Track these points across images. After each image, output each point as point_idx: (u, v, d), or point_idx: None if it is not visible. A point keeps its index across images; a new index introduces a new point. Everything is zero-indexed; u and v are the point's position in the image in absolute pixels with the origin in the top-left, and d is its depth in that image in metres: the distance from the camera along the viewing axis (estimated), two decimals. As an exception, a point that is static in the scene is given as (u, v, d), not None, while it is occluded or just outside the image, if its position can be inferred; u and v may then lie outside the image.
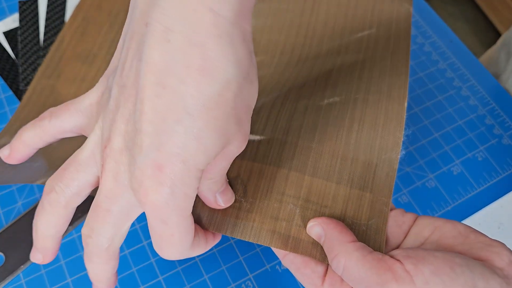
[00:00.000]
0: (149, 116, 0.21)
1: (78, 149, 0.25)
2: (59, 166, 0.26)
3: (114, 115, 0.22)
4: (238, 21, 0.21)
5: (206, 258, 0.35)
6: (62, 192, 0.24)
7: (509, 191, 0.38)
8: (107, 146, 0.23)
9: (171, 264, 0.35)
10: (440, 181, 0.39)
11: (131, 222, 0.24)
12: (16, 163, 0.28)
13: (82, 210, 0.33)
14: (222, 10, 0.20)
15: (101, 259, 0.25)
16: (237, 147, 0.23)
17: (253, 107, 0.23)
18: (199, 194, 0.26)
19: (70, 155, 0.26)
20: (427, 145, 0.40)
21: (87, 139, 0.25)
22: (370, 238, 0.26)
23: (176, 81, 0.20)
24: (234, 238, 0.36)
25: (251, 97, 0.22)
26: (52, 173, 0.25)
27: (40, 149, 0.28)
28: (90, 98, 0.26)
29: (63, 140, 0.30)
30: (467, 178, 0.39)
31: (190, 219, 0.23)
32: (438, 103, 0.42)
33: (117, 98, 0.22)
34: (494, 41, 0.61)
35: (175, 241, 0.23)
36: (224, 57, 0.20)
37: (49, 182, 0.25)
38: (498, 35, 1.33)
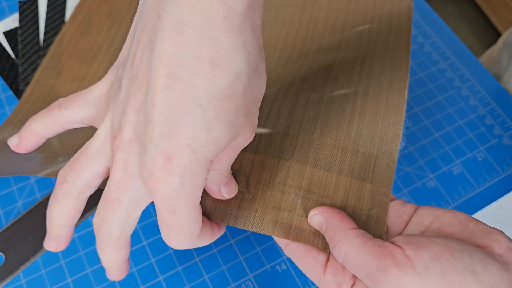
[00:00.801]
0: (160, 107, 0.21)
1: (89, 140, 0.25)
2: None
3: (124, 106, 0.23)
4: (249, 15, 0.21)
5: (206, 258, 0.35)
6: (74, 183, 0.25)
7: (509, 191, 0.38)
8: (117, 137, 0.23)
9: (171, 264, 0.35)
10: (440, 181, 0.39)
11: (141, 211, 0.25)
12: (24, 152, 0.28)
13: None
14: (234, 3, 0.20)
15: (112, 248, 0.25)
16: (245, 139, 0.23)
17: (261, 99, 0.23)
18: None
19: (78, 147, 0.26)
20: (427, 145, 0.40)
21: (97, 130, 0.25)
22: (371, 227, 0.26)
23: (187, 73, 0.20)
24: (234, 238, 0.36)
25: (260, 90, 0.23)
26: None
27: (48, 140, 0.28)
28: (99, 89, 0.26)
29: (72, 131, 0.29)
30: (467, 178, 0.39)
31: (198, 209, 0.23)
32: (438, 103, 0.42)
33: (128, 89, 0.23)
34: (494, 41, 0.62)
35: (183, 230, 0.23)
36: (235, 50, 0.21)
37: (62, 173, 0.25)
38: (498, 35, 1.33)
